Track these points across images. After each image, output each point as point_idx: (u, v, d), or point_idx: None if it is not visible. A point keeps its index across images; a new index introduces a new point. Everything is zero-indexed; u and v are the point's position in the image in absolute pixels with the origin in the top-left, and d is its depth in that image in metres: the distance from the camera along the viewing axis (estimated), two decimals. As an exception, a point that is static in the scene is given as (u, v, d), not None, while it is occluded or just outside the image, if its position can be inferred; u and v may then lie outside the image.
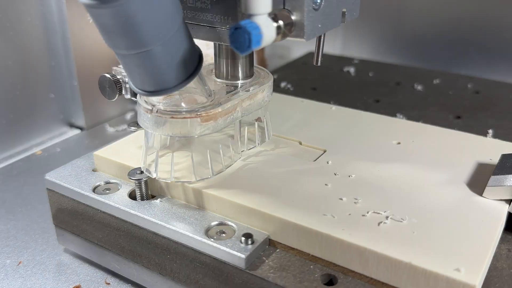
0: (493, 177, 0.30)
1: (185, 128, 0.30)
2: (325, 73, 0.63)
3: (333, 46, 0.75)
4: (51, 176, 0.35)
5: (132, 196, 0.33)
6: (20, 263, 0.37)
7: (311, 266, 0.28)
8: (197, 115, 0.30)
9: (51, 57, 0.54)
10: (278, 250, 0.29)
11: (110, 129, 0.58)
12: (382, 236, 0.27)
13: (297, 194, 0.31)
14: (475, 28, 0.66)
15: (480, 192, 0.31)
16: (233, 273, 0.28)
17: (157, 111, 0.30)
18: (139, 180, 0.32)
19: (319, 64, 0.31)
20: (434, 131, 0.39)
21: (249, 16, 0.25)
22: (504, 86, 0.58)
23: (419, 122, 0.43)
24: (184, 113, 0.30)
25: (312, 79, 0.61)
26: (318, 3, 0.27)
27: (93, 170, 0.36)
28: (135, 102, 0.33)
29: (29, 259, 0.37)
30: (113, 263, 0.35)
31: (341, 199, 0.30)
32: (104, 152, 0.36)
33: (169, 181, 0.32)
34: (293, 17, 0.26)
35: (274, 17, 0.25)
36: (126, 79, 0.34)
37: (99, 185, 0.34)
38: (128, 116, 0.61)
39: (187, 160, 0.33)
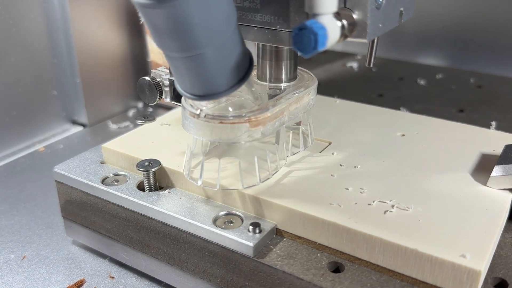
0: (497, 167, 0.31)
1: (233, 133, 0.29)
2: (328, 68, 0.64)
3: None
4: (59, 169, 0.36)
5: (140, 187, 0.34)
6: (24, 257, 0.37)
7: (318, 254, 0.28)
8: (245, 120, 0.29)
9: (53, 54, 0.55)
10: (285, 239, 0.29)
11: (113, 126, 0.58)
12: (388, 224, 0.27)
13: (304, 184, 0.31)
14: (477, 23, 0.66)
15: (484, 182, 0.31)
16: (241, 262, 0.29)
17: (205, 116, 0.29)
18: (147, 171, 0.32)
19: (371, 66, 0.30)
20: (438, 123, 0.39)
21: (314, 15, 0.23)
22: (507, 80, 0.58)
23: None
24: (232, 118, 0.29)
25: (316, 75, 0.61)
26: (380, 2, 0.26)
27: (101, 163, 0.36)
28: (137, 100, 0.32)
29: (33, 254, 0.37)
30: (121, 254, 0.35)
31: (347, 189, 0.30)
32: (112, 145, 0.36)
33: (215, 189, 0.31)
34: (355, 16, 0.25)
35: (338, 16, 0.24)
36: (166, 82, 0.33)
37: (107, 177, 0.35)
38: (130, 113, 0.62)
39: (232, 167, 0.32)
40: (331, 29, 0.24)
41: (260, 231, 0.29)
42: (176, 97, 0.33)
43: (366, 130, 0.38)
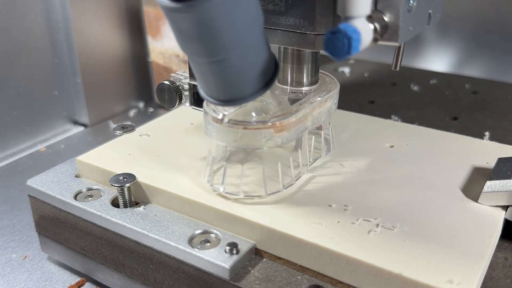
0: (489, 182, 0.29)
1: (256, 139, 0.28)
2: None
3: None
4: (32, 182, 0.34)
5: (115, 203, 0.32)
6: (25, 257, 0.37)
7: (299, 277, 0.27)
8: (270, 125, 0.28)
9: (54, 54, 0.54)
10: (264, 260, 0.28)
11: (114, 126, 0.57)
12: (371, 245, 0.26)
13: (284, 201, 0.29)
14: (473, 27, 0.64)
15: (475, 198, 0.29)
16: (217, 284, 0.27)
17: (228, 121, 0.28)
18: (121, 187, 0.31)
19: (397, 69, 0.29)
20: (429, 133, 0.38)
21: (346, 19, 0.23)
22: (503, 86, 0.57)
23: (415, 123, 0.42)
24: (256, 123, 0.28)
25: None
26: (411, 4, 0.25)
27: (76, 176, 0.35)
28: (138, 100, 0.31)
29: (34, 253, 0.37)
30: (96, 273, 0.33)
31: (330, 205, 0.29)
32: (87, 158, 0.35)
33: (238, 196, 0.30)
34: (386, 19, 0.24)
35: (370, 19, 0.24)
36: (186, 86, 0.33)
37: (81, 192, 0.33)
38: (131, 113, 0.61)
39: (254, 173, 0.31)
40: (364, 32, 0.23)
41: (237, 252, 0.27)
42: (196, 101, 0.32)
43: (353, 141, 0.36)
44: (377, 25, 0.24)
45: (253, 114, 0.29)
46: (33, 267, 0.36)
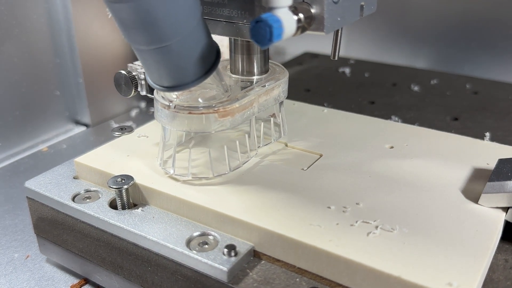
0: (489, 184, 0.29)
1: (202, 123, 0.30)
2: (320, 73, 0.62)
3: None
4: (30, 184, 0.34)
5: (113, 205, 0.32)
6: (28, 256, 0.37)
7: (297, 279, 0.26)
8: (214, 110, 0.29)
9: (56, 54, 0.54)
10: (263, 262, 0.28)
11: (116, 126, 0.57)
12: (370, 247, 0.25)
13: (283, 202, 0.29)
14: (474, 27, 0.64)
15: (475, 199, 0.29)
16: (215, 287, 0.27)
17: (174, 107, 0.30)
18: (119, 189, 0.31)
19: (336, 58, 0.31)
20: (429, 134, 0.37)
21: (270, 9, 0.24)
22: (504, 86, 0.56)
23: (415, 124, 0.42)
24: (201, 108, 0.29)
25: (307, 80, 0.60)
26: None
27: (74, 178, 0.35)
28: (140, 100, 0.32)
29: (37, 253, 0.37)
30: (94, 274, 0.33)
31: (329, 207, 0.29)
32: (85, 159, 0.34)
33: (187, 178, 0.31)
34: (312, 10, 0.26)
35: (294, 10, 0.25)
36: (142, 76, 0.34)
37: (79, 194, 0.33)
38: (133, 113, 0.61)
39: (204, 157, 0.33)
40: (287, 22, 0.24)
41: (235, 254, 0.27)
42: (151, 90, 0.33)
43: (353, 142, 0.36)
44: (301, 16, 0.25)
45: (200, 100, 0.31)
46: (35, 266, 0.36)
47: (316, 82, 0.59)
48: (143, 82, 0.34)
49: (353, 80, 0.59)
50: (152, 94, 0.32)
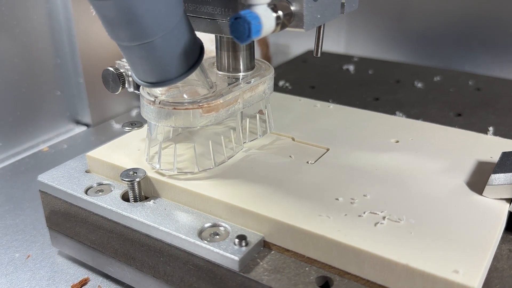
0: (493, 176, 0.30)
1: (187, 119, 0.30)
2: (324, 71, 0.62)
3: (337, 44, 0.75)
4: (43, 178, 0.35)
5: (125, 197, 0.33)
6: (29, 256, 0.37)
7: (307, 268, 0.27)
8: (199, 106, 0.30)
9: (57, 54, 0.55)
10: (273, 252, 0.28)
11: (116, 126, 0.58)
12: (378, 237, 0.26)
13: (293, 194, 0.30)
14: (477, 24, 0.65)
15: (480, 191, 0.30)
16: (227, 276, 0.27)
17: (159, 103, 0.30)
18: (131, 181, 0.31)
19: (319, 55, 0.32)
20: (433, 129, 0.38)
21: (249, 6, 0.25)
22: (506, 83, 0.57)
23: (419, 120, 0.42)
24: (186, 104, 0.30)
25: (311, 77, 0.60)
26: None
27: (86, 172, 0.35)
28: (139, 99, 0.33)
29: (37, 252, 0.37)
30: (106, 266, 0.34)
31: (337, 199, 0.29)
32: (97, 153, 0.35)
33: (172, 173, 0.32)
34: (292, 8, 0.27)
35: (274, 7, 0.26)
36: (129, 73, 0.34)
37: (91, 187, 0.34)
38: (134, 112, 0.61)
39: (190, 152, 0.33)
40: (266, 19, 0.25)
41: (246, 244, 0.28)
42: (138, 86, 0.34)
43: (359, 136, 0.37)
44: (280, 13, 0.26)
45: (185, 96, 0.31)
46: (36, 266, 0.36)
47: (320, 80, 0.59)
48: (130, 79, 0.35)
49: (357, 78, 0.60)
50: (139, 90, 0.33)
